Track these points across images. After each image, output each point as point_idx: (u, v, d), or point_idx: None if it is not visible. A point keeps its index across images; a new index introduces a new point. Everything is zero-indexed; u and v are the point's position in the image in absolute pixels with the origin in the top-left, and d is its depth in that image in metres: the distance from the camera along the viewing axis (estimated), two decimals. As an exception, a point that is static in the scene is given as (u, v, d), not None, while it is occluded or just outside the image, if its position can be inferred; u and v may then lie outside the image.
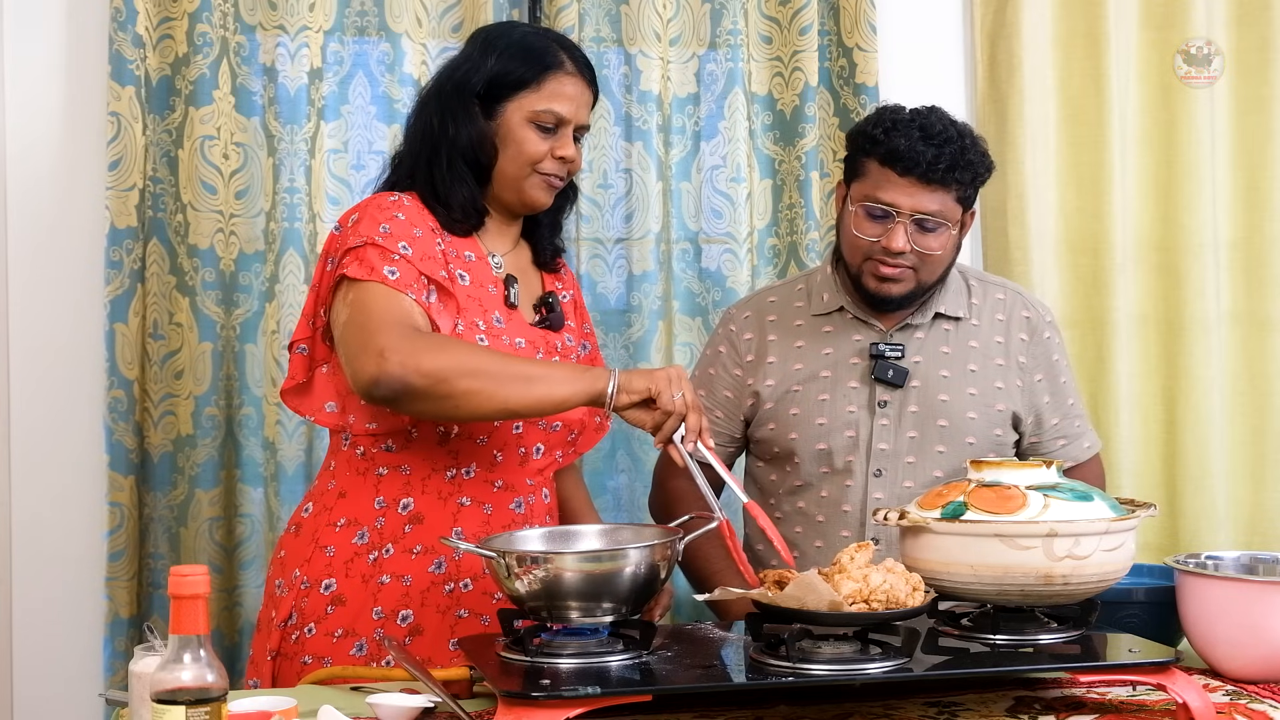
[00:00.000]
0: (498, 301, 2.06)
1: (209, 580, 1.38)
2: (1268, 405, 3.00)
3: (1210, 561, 1.93)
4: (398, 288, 1.91)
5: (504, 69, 2.05)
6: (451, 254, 2.03)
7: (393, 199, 2.02)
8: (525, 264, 2.16)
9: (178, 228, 2.69)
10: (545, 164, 2.06)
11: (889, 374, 2.26)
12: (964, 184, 2.21)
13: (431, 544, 2.00)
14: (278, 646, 2.00)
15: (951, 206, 2.21)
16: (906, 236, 2.19)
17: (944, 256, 2.24)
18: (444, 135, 2.05)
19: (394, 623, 1.98)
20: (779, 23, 2.90)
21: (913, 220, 2.19)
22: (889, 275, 2.22)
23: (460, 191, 2.05)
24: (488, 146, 2.05)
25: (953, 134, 2.19)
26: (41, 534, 2.70)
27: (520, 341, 2.05)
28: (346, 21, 2.78)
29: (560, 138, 2.06)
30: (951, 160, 2.17)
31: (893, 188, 2.19)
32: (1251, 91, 3.02)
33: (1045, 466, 1.77)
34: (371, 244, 1.94)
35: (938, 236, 2.20)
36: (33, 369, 2.71)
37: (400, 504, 2.01)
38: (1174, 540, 2.93)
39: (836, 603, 1.61)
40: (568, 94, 2.06)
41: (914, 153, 2.16)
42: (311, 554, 2.01)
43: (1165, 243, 3.00)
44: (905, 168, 2.17)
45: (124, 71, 2.63)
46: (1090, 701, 1.68)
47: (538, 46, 2.07)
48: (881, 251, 2.21)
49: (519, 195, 2.08)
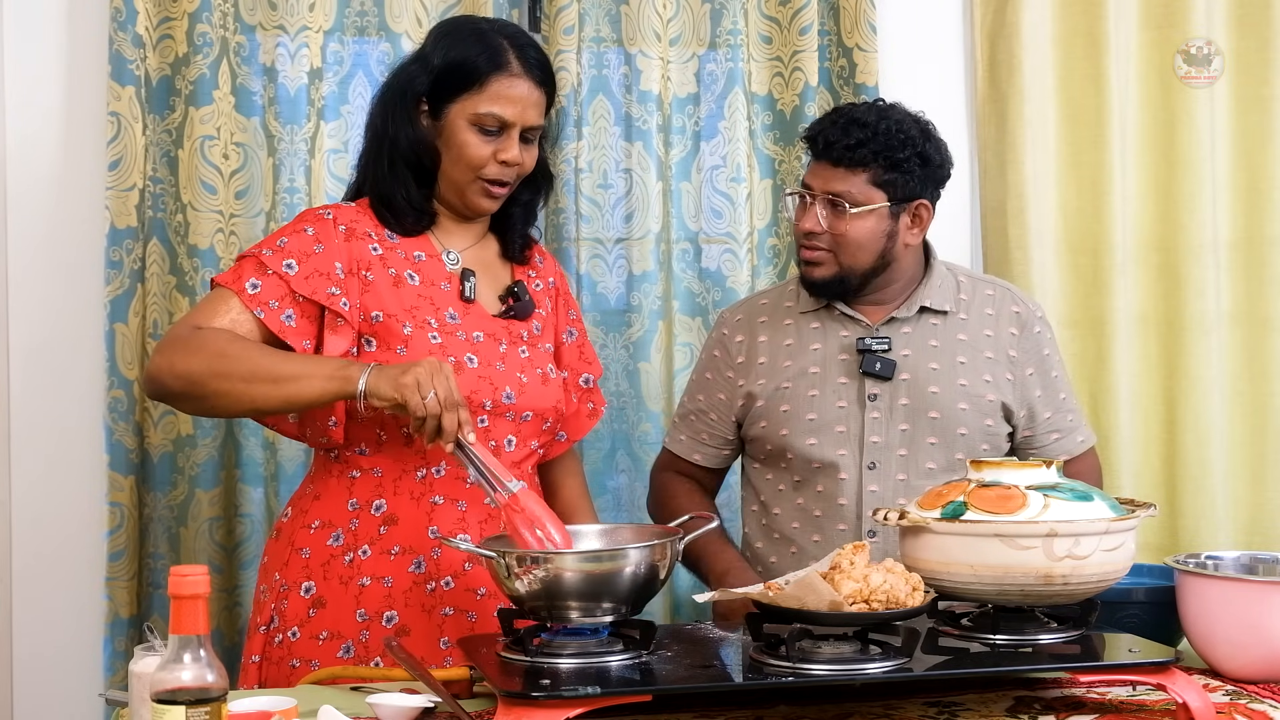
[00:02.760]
0: (452, 297, 2.07)
1: (209, 580, 1.37)
2: (1268, 405, 3.00)
3: (1210, 561, 1.93)
4: (248, 301, 1.96)
5: (447, 70, 2.04)
6: (401, 255, 2.05)
7: (320, 212, 2.07)
8: (491, 257, 2.16)
9: (178, 228, 2.69)
10: (489, 168, 2.05)
11: (876, 367, 2.28)
12: (879, 167, 2.24)
13: (409, 544, 2.00)
14: (261, 651, 2.01)
15: (867, 190, 2.24)
16: (818, 218, 2.25)
17: (862, 240, 2.26)
18: (385, 136, 2.07)
19: (379, 624, 1.98)
20: (779, 23, 2.90)
21: (825, 201, 2.25)
22: (808, 259, 2.29)
23: (400, 193, 2.07)
24: (429, 149, 2.06)
25: (872, 119, 2.25)
26: (41, 534, 2.70)
27: (478, 335, 2.05)
28: (346, 21, 2.78)
29: (504, 140, 2.04)
30: (858, 141, 2.23)
31: (810, 172, 2.29)
32: (1251, 91, 3.01)
33: (1045, 466, 1.77)
34: (255, 257, 2.00)
35: (851, 220, 2.24)
36: (33, 369, 2.71)
37: (373, 505, 2.01)
38: (1174, 540, 2.93)
39: (836, 603, 1.61)
40: (512, 96, 2.04)
41: (822, 135, 2.26)
42: (289, 557, 2.02)
43: (1165, 243, 2.99)
44: (818, 151, 2.28)
45: (124, 71, 2.63)
46: (1090, 701, 1.68)
47: (488, 46, 2.04)
48: (803, 235, 2.29)
49: (462, 200, 2.09)
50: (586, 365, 2.28)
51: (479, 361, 2.03)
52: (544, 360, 2.14)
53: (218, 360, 1.91)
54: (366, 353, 2.00)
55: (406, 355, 1.99)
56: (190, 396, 1.94)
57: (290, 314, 1.98)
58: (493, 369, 2.04)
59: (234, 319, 1.97)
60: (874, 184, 2.24)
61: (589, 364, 2.29)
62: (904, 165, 2.25)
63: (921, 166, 2.27)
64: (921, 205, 2.30)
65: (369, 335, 2.01)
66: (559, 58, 2.76)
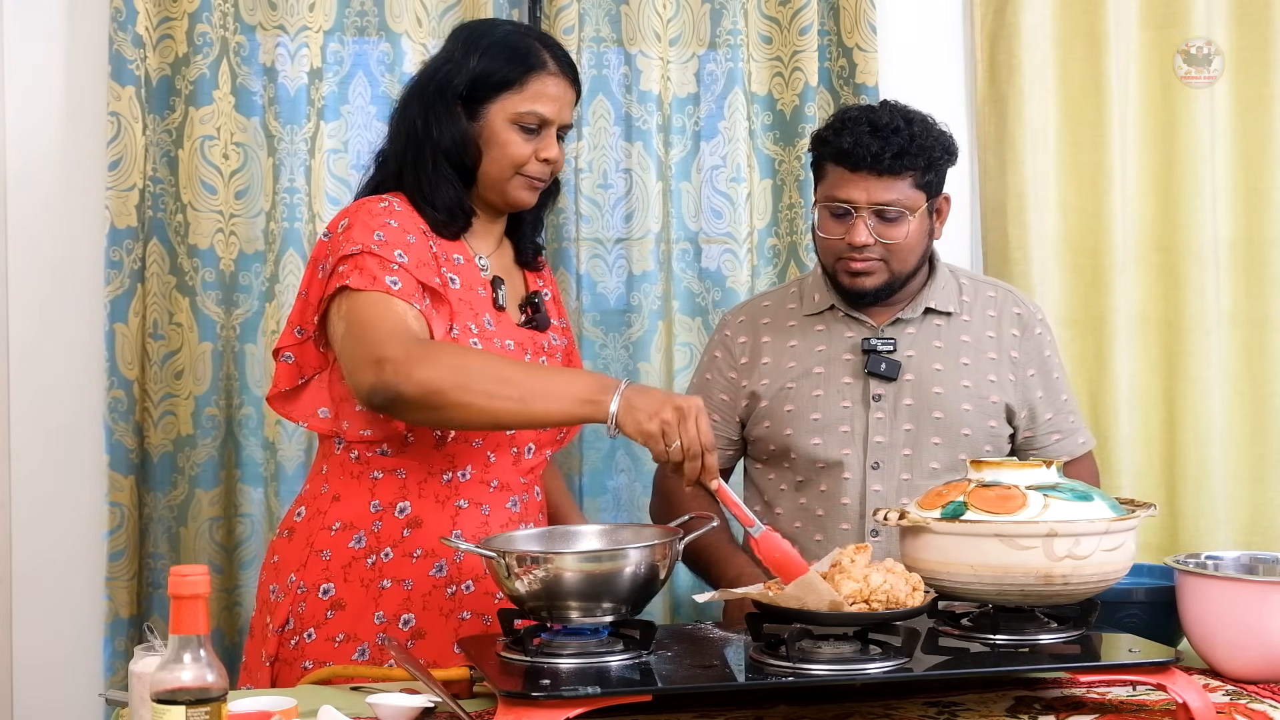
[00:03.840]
0: (487, 304, 2.06)
1: (209, 580, 1.37)
2: (1268, 405, 3.00)
3: (1210, 561, 1.93)
4: (401, 297, 1.91)
5: (486, 70, 2.03)
6: (442, 257, 2.02)
7: (383, 204, 2.01)
8: (509, 264, 2.16)
9: (178, 228, 2.69)
10: (529, 166, 2.05)
11: (881, 367, 2.29)
12: (919, 170, 2.25)
13: (431, 547, 1.99)
14: (275, 652, 1.99)
15: (910, 194, 2.25)
16: (868, 230, 2.24)
17: (913, 244, 2.27)
18: (428, 137, 2.04)
19: (396, 626, 1.98)
20: (779, 23, 2.90)
21: (872, 213, 2.24)
22: (859, 270, 2.28)
23: (446, 193, 2.04)
24: (471, 148, 2.04)
25: (900, 124, 2.25)
26: (41, 534, 2.71)
27: (509, 343, 2.05)
28: (346, 21, 2.78)
29: (544, 139, 2.05)
30: (900, 148, 2.22)
31: (848, 184, 2.25)
32: (1251, 91, 3.01)
33: (1045, 466, 1.77)
34: (369, 252, 1.93)
35: (900, 225, 2.25)
36: (33, 369, 2.71)
37: (397, 508, 2.00)
38: (1174, 540, 2.93)
39: (837, 603, 1.61)
40: (550, 94, 2.05)
41: (861, 147, 2.22)
42: (307, 558, 2.01)
43: (1165, 243, 2.99)
44: (855, 163, 2.24)
45: (124, 71, 2.63)
46: (1090, 701, 1.68)
47: (520, 46, 2.05)
48: (848, 248, 2.26)
49: (503, 196, 2.08)
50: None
51: None
52: None
53: (460, 372, 1.84)
54: None
55: None
56: (428, 406, 1.85)
57: (426, 299, 1.95)
58: None
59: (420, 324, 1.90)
60: (916, 187, 2.26)
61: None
62: (938, 164, 2.28)
63: (948, 161, 2.31)
64: (944, 199, 2.34)
65: None
66: (559, 58, 2.76)
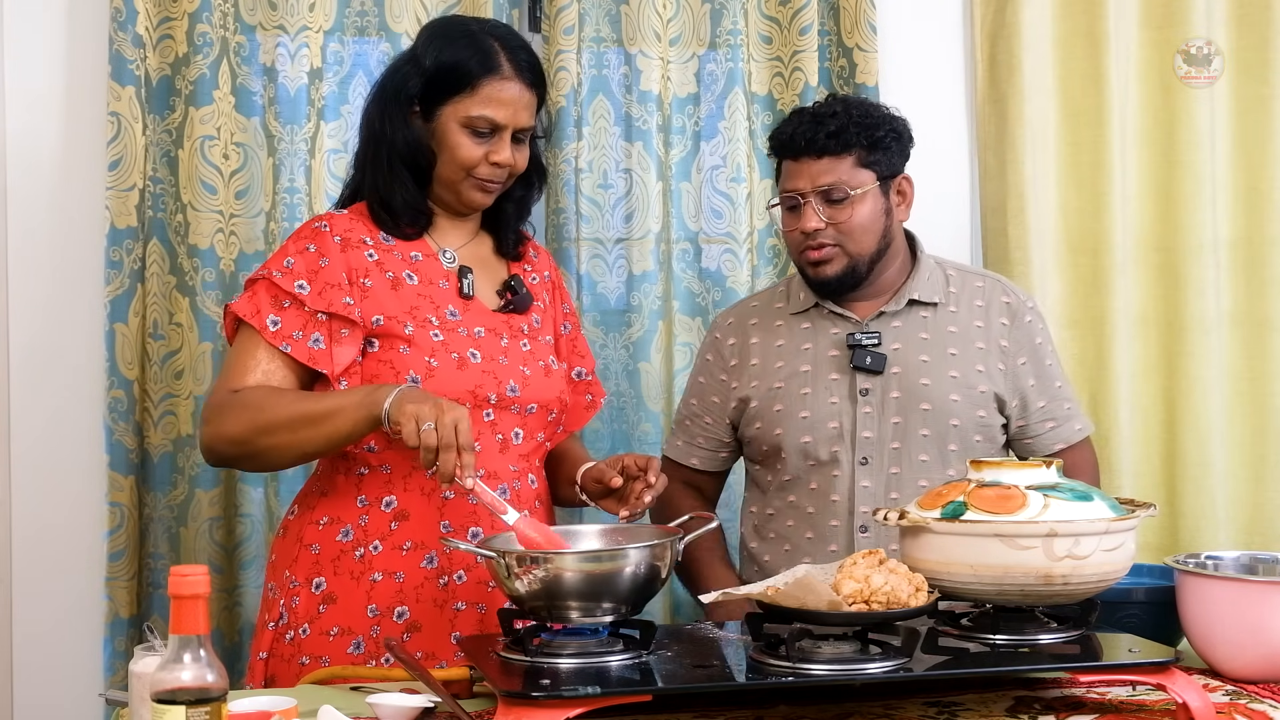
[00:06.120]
0: (451, 295, 2.08)
1: (209, 580, 1.37)
2: (1268, 405, 3.00)
3: (1210, 561, 1.93)
4: (271, 339, 1.98)
5: (439, 72, 2.05)
6: (396, 257, 2.06)
7: (317, 224, 2.07)
8: (486, 254, 2.17)
9: (178, 228, 2.69)
10: (480, 169, 2.07)
11: (867, 361, 2.29)
12: (862, 148, 2.27)
13: (421, 540, 2.01)
14: (269, 648, 2.01)
15: (854, 174, 2.27)
16: (817, 215, 2.26)
17: (864, 224, 2.28)
18: (384, 137, 2.08)
19: (390, 619, 1.98)
20: (779, 23, 2.90)
21: (819, 197, 2.27)
22: (817, 259, 2.30)
23: (400, 194, 2.08)
24: (425, 150, 2.07)
25: (838, 108, 2.29)
26: (42, 534, 2.70)
27: (479, 330, 2.07)
28: (346, 21, 2.78)
29: (496, 142, 2.06)
30: (837, 128, 2.25)
31: (794, 174, 2.30)
32: (1251, 91, 3.01)
33: (1045, 466, 1.77)
34: (266, 280, 2.01)
35: (846, 207, 2.27)
36: (33, 369, 2.71)
37: (383, 501, 2.02)
38: (1174, 540, 2.93)
39: (835, 602, 1.61)
40: (503, 99, 2.05)
41: (798, 134, 2.27)
42: (297, 553, 2.03)
43: (1165, 243, 2.99)
44: (796, 150, 2.28)
45: (124, 71, 2.63)
46: (1090, 701, 1.68)
47: (480, 48, 2.05)
48: (802, 237, 2.28)
49: (457, 197, 2.11)
50: (580, 359, 2.30)
51: (482, 357, 2.04)
52: (545, 352, 2.14)
53: (258, 415, 1.94)
54: (370, 354, 2.01)
55: (409, 354, 2.00)
56: (245, 456, 1.99)
57: (317, 337, 1.99)
58: (496, 364, 2.05)
59: (265, 370, 2.00)
60: (861, 166, 2.27)
61: (582, 358, 2.31)
62: (883, 142, 2.29)
63: (896, 141, 2.31)
64: (904, 180, 2.34)
65: (370, 337, 2.02)
66: (559, 58, 2.76)
